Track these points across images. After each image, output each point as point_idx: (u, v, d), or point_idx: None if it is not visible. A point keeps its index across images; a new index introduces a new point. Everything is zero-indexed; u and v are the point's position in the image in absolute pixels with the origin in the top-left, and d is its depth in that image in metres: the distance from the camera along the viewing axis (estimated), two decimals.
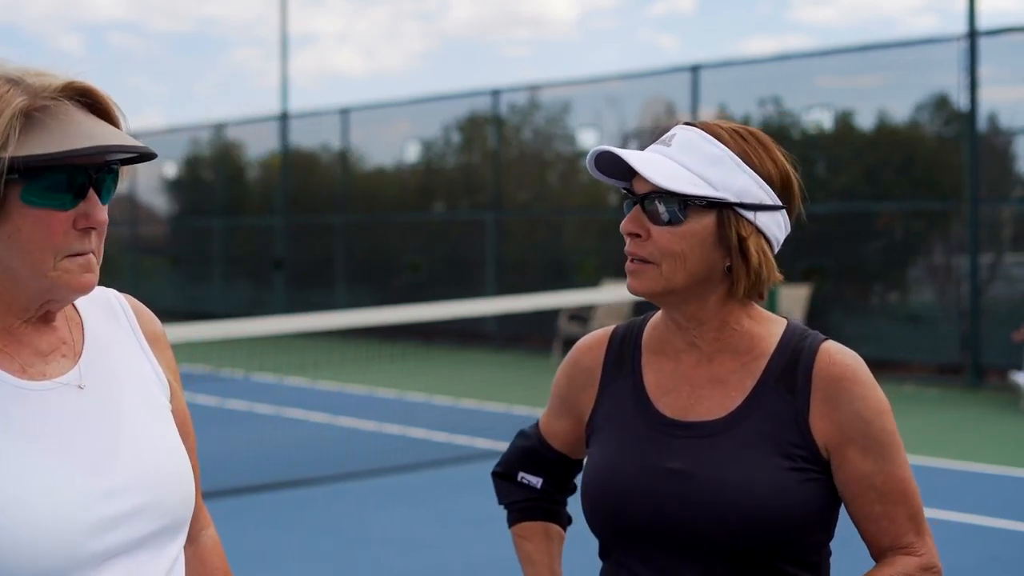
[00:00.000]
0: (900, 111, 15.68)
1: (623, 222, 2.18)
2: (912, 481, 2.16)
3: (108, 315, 2.02)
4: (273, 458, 9.85)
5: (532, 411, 12.15)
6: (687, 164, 2.12)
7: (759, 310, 2.23)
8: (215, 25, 59.92)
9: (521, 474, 2.50)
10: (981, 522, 7.73)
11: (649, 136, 17.60)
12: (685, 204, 2.11)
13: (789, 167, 2.18)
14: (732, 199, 2.11)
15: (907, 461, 2.17)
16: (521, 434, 2.54)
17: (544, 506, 2.49)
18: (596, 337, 2.37)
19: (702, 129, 2.15)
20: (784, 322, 2.24)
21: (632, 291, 2.20)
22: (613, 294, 14.49)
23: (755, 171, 2.13)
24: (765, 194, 2.13)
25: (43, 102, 1.76)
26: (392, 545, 7.25)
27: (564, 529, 2.51)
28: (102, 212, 1.79)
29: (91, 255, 1.80)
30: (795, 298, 14.84)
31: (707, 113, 16.82)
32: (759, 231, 2.14)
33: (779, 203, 2.15)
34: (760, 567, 2.10)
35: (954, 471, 9.34)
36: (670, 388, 2.21)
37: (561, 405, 2.41)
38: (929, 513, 2.20)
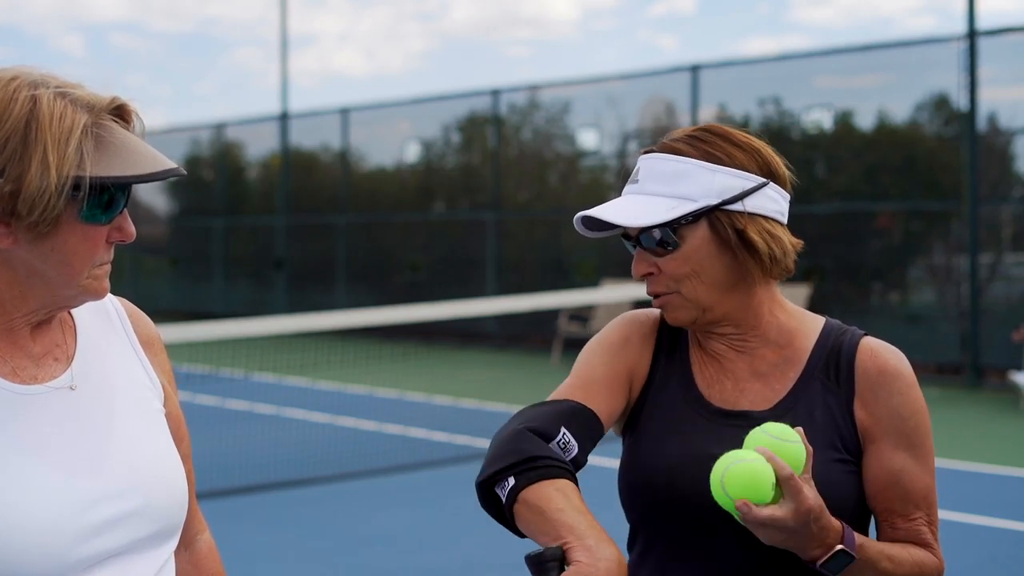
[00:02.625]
0: (900, 111, 15.68)
1: (633, 268, 2.21)
2: (935, 491, 2.18)
3: (102, 318, 2.03)
4: (273, 458, 9.85)
5: None
6: (658, 191, 2.16)
7: (793, 306, 2.27)
8: (216, 25, 59.90)
9: (563, 431, 2.13)
10: (981, 522, 7.73)
11: (649, 136, 17.62)
12: (674, 228, 2.14)
13: (755, 142, 2.19)
14: (714, 201, 2.13)
15: (934, 469, 2.18)
16: (546, 403, 2.24)
17: (572, 470, 2.10)
18: (650, 314, 2.34)
19: (660, 151, 2.19)
20: (822, 319, 2.27)
21: (674, 324, 2.23)
22: (613, 294, 14.49)
23: (725, 165, 2.15)
24: (744, 180, 2.15)
25: (97, 119, 1.81)
26: (392, 545, 7.26)
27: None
28: (131, 225, 1.88)
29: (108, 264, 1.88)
30: (795, 298, 14.85)
31: (707, 113, 16.83)
32: (754, 215, 2.15)
33: (761, 180, 2.16)
34: (796, 556, 2.10)
35: (954, 471, 9.35)
36: (715, 381, 2.24)
37: (609, 354, 2.27)
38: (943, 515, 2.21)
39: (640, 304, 15.68)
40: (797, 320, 2.24)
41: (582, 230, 2.24)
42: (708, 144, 2.16)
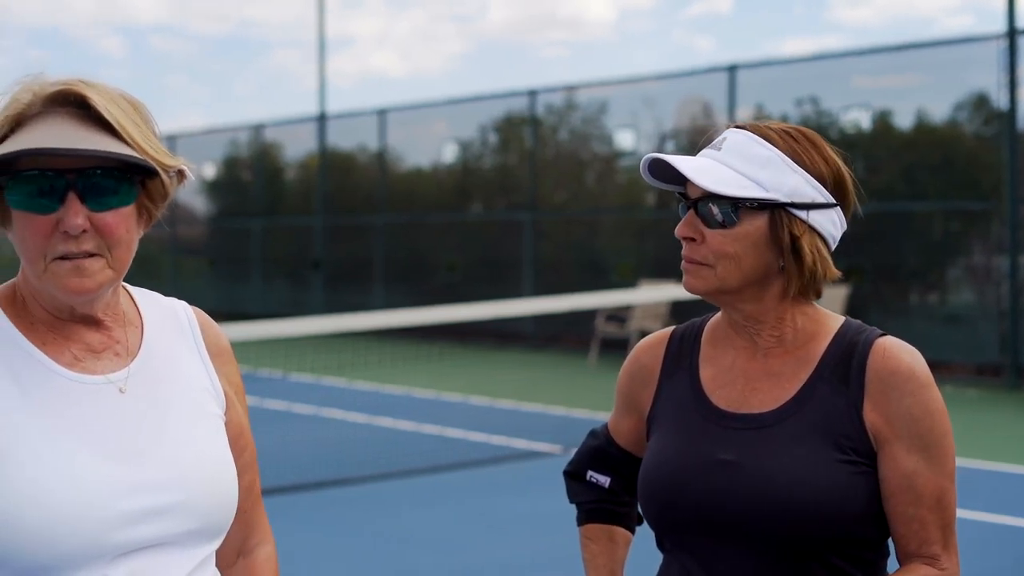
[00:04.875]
0: (938, 111, 15.59)
1: (678, 227, 2.20)
2: (952, 493, 2.15)
3: (172, 324, 2.06)
4: (311, 458, 9.89)
5: (569, 411, 12.16)
6: (737, 167, 2.14)
7: (816, 308, 2.25)
8: (254, 27, 60.16)
9: (590, 473, 2.53)
10: (1021, 524, 7.68)
11: (686, 136, 17.57)
12: (737, 207, 2.13)
13: (841, 164, 2.19)
14: (783, 199, 2.12)
15: (953, 472, 2.16)
16: (591, 434, 2.58)
17: (610, 508, 2.52)
18: (657, 336, 2.41)
19: (751, 131, 2.18)
20: (841, 319, 2.25)
21: (688, 289, 2.23)
22: (650, 294, 14.46)
23: (806, 170, 2.14)
24: (817, 193, 2.14)
25: (39, 109, 1.83)
26: (430, 545, 7.27)
27: (632, 531, 2.54)
28: (74, 217, 1.80)
29: (84, 260, 1.83)
30: (833, 298, 14.77)
31: (744, 113, 16.78)
32: (812, 230, 2.15)
33: (832, 201, 2.16)
34: (812, 561, 2.11)
35: (993, 472, 9.28)
36: (726, 382, 2.24)
37: (624, 403, 2.44)
38: (967, 514, 2.21)
39: (677, 306, 15.65)
40: (817, 321, 2.23)
41: (646, 174, 2.23)
42: (798, 144, 2.16)
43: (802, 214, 2.13)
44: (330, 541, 7.34)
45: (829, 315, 2.25)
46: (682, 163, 2.14)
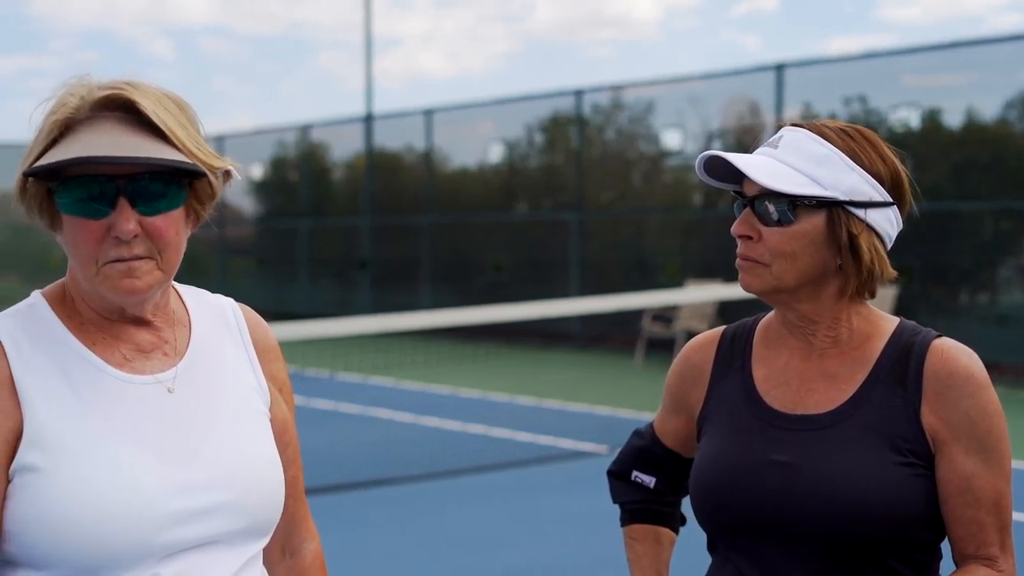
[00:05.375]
0: (988, 109, 15.45)
1: (734, 224, 2.18)
2: (1009, 495, 2.13)
3: (220, 322, 2.08)
4: (358, 457, 9.92)
5: (615, 411, 12.14)
6: (795, 164, 2.13)
7: (871, 308, 2.24)
8: (302, 28, 60.40)
9: (635, 473, 2.52)
10: None
11: (733, 136, 17.49)
12: (794, 204, 2.11)
13: (898, 164, 2.18)
14: (841, 197, 2.11)
15: (1010, 474, 2.14)
16: (636, 434, 2.56)
17: (655, 508, 2.51)
18: (707, 336, 2.40)
19: (809, 129, 2.16)
20: (896, 320, 2.24)
21: (744, 287, 2.21)
22: (697, 294, 14.41)
23: (864, 169, 2.12)
24: (875, 191, 2.13)
25: (86, 114, 1.83)
26: (475, 545, 7.28)
27: (676, 532, 2.54)
28: (126, 223, 1.81)
29: (135, 262, 1.84)
30: (882, 299, 14.68)
31: (791, 113, 16.69)
32: (870, 228, 2.14)
33: (889, 199, 2.15)
34: (866, 563, 2.09)
35: None
36: (780, 382, 2.22)
37: (673, 403, 2.43)
38: (1022, 517, 2.19)
39: (724, 306, 15.59)
40: (872, 323, 2.22)
41: (701, 172, 2.22)
42: (856, 143, 2.14)
43: (860, 212, 2.12)
44: (376, 540, 7.36)
45: (884, 316, 2.24)
46: (739, 160, 2.14)
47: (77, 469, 1.81)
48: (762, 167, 2.13)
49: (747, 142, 17.73)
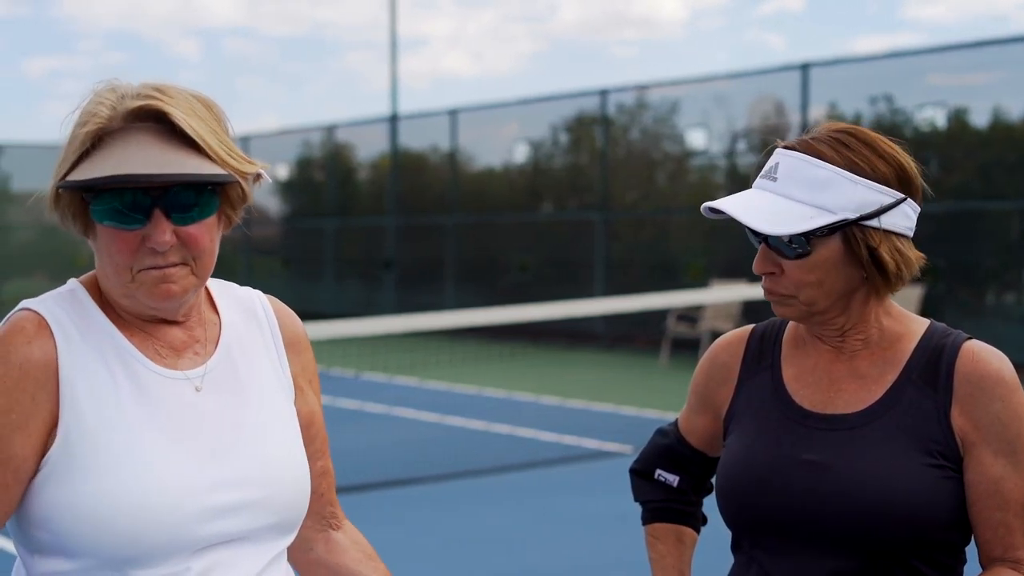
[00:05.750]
0: (1015, 108, 15.38)
1: (755, 263, 2.17)
2: None
3: (249, 317, 2.09)
4: (383, 457, 9.94)
5: (640, 411, 12.13)
6: (798, 196, 2.10)
7: (900, 309, 2.23)
8: (327, 29, 60.56)
9: (658, 471, 2.51)
10: None
11: (758, 136, 17.45)
12: (808, 236, 2.09)
13: (900, 155, 2.14)
14: (852, 216, 2.08)
15: None
16: (660, 432, 2.55)
17: (678, 507, 2.51)
18: (735, 334, 2.39)
19: (802, 151, 2.12)
20: (926, 321, 2.23)
21: (780, 317, 2.23)
22: (721, 294, 14.39)
23: (867, 178, 2.09)
24: (884, 195, 2.10)
25: (119, 125, 1.84)
26: (499, 545, 7.28)
27: (698, 531, 2.53)
28: (162, 234, 1.83)
29: (170, 269, 1.86)
30: (908, 299, 14.63)
31: (817, 112, 16.65)
32: (888, 233, 2.11)
33: (900, 196, 2.12)
34: (892, 564, 2.09)
35: None
36: (809, 382, 2.22)
37: (699, 401, 2.42)
38: None
39: (749, 305, 15.56)
40: (902, 323, 2.21)
41: (706, 212, 2.20)
42: (853, 152, 2.10)
43: (874, 223, 2.09)
44: (401, 540, 7.37)
45: (914, 317, 2.23)
46: (739, 210, 2.11)
47: (114, 460, 1.83)
48: (764, 212, 2.10)
49: (772, 142, 17.66)
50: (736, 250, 16.68)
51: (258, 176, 1.95)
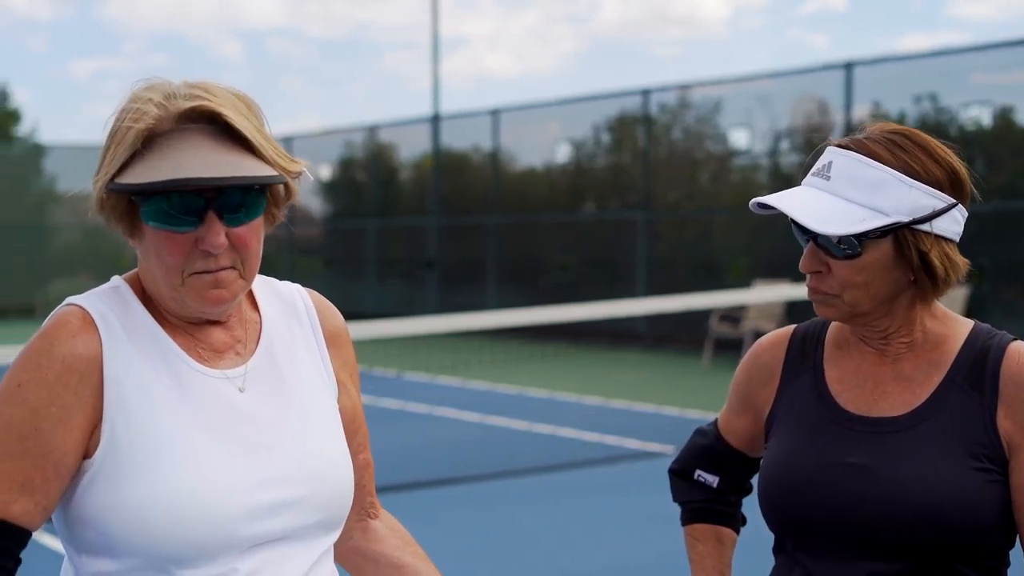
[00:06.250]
0: None
1: (801, 261, 2.15)
2: None
3: (290, 313, 2.08)
4: (425, 457, 9.95)
5: (682, 412, 12.10)
6: (852, 197, 2.07)
7: (944, 310, 2.21)
8: (368, 29, 60.75)
9: (698, 472, 2.50)
10: None
11: (801, 135, 17.37)
12: (860, 237, 2.06)
13: (953, 159, 2.11)
14: (905, 219, 2.05)
15: None
16: (699, 432, 2.55)
17: (718, 508, 2.50)
18: (777, 335, 2.37)
19: (856, 150, 2.09)
20: (971, 323, 2.21)
21: (821, 318, 2.21)
22: (765, 294, 14.32)
23: (922, 181, 2.06)
24: (937, 200, 2.07)
25: (170, 125, 1.83)
26: (541, 545, 7.28)
27: (737, 532, 2.52)
28: (217, 236, 1.82)
29: (221, 273, 1.85)
30: (953, 299, 14.52)
31: (861, 111, 16.55)
32: (938, 238, 2.08)
33: (952, 201, 2.09)
34: (936, 567, 2.07)
35: None
36: (854, 384, 2.20)
37: (740, 402, 2.41)
38: None
39: (792, 305, 15.48)
40: (946, 325, 2.19)
41: (755, 208, 2.19)
42: (908, 154, 2.07)
43: (925, 227, 2.06)
44: (443, 540, 7.38)
45: (958, 318, 2.21)
46: (794, 207, 2.09)
47: (160, 460, 1.83)
48: (818, 211, 2.07)
49: (816, 141, 17.52)
50: (779, 250, 16.60)
51: (299, 174, 1.95)
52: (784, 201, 2.10)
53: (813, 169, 2.15)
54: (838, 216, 2.06)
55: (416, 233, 23.98)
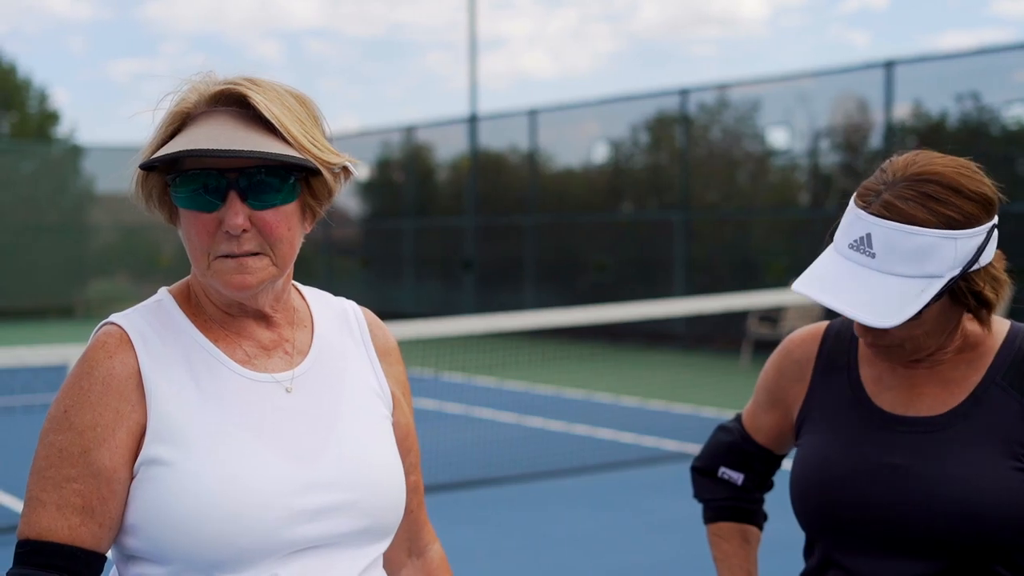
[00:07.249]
0: None
1: (856, 329, 2.10)
2: None
3: (342, 324, 2.08)
4: (461, 457, 9.95)
5: (720, 412, 12.06)
6: (902, 271, 1.99)
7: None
8: (406, 30, 60.86)
9: (722, 469, 2.48)
10: None
11: (841, 134, 17.27)
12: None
13: (982, 185, 2.05)
14: (957, 272, 2.00)
15: None
16: (721, 428, 2.52)
17: (743, 505, 2.48)
18: (809, 331, 2.34)
19: (894, 219, 2.00)
20: (1008, 323, 2.19)
21: (886, 362, 2.17)
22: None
23: (963, 227, 2.00)
24: (979, 235, 2.01)
25: (204, 108, 1.86)
26: (577, 546, 7.26)
27: (761, 529, 2.50)
28: (235, 216, 1.82)
29: (246, 258, 1.85)
30: None
31: (902, 110, 16.44)
32: (986, 268, 2.06)
33: (990, 227, 2.04)
34: (974, 568, 2.05)
35: None
36: (890, 384, 2.18)
37: (769, 398, 2.38)
38: None
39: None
40: (984, 326, 2.16)
41: (799, 293, 2.10)
42: (944, 205, 1.99)
43: (975, 266, 2.02)
44: (480, 540, 7.37)
45: (995, 318, 2.19)
46: (848, 303, 2.01)
47: (201, 464, 1.82)
48: (876, 300, 1.99)
49: (855, 141, 17.50)
50: (818, 250, 16.51)
51: (346, 171, 1.94)
52: (831, 295, 2.03)
53: (851, 241, 2.05)
54: (895, 300, 1.99)
55: (453, 233, 24.00)
